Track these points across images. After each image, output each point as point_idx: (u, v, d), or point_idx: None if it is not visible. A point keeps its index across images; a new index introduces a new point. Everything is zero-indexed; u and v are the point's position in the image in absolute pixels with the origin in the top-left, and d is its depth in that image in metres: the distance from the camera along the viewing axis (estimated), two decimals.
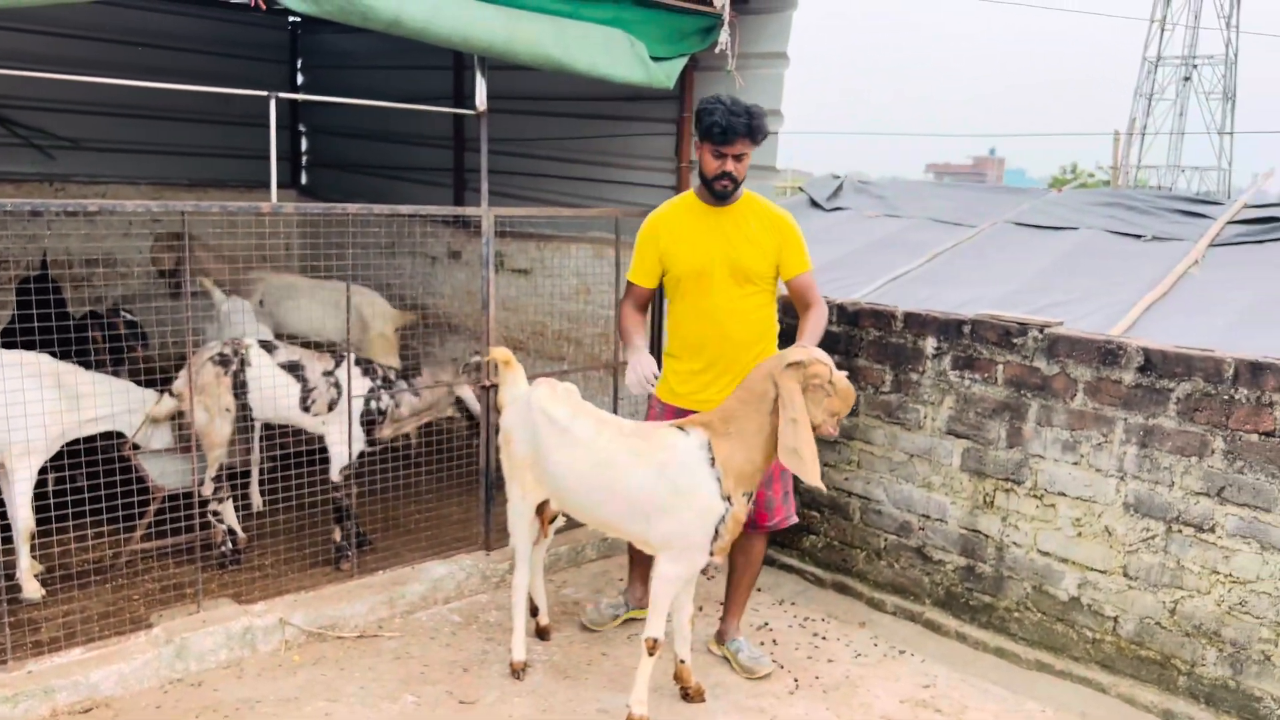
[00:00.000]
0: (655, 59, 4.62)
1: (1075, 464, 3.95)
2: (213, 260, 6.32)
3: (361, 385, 4.71)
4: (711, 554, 3.40)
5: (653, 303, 4.29)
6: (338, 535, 4.76)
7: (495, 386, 4.72)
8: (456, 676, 3.95)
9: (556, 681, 3.93)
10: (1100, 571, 3.91)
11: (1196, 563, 3.66)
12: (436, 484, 5.13)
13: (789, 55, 4.89)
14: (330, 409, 4.71)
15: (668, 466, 3.36)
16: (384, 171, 7.89)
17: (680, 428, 3.43)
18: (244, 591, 4.31)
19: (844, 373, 3.33)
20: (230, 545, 4.73)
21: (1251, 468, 3.51)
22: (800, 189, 12.84)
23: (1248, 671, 3.56)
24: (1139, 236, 9.67)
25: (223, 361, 4.63)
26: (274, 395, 4.61)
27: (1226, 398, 3.56)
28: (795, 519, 4.03)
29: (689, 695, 3.77)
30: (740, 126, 3.60)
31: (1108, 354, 3.86)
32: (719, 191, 3.74)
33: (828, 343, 4.34)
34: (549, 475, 3.66)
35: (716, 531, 3.36)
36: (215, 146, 7.91)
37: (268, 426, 5.14)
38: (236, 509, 4.95)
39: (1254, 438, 3.50)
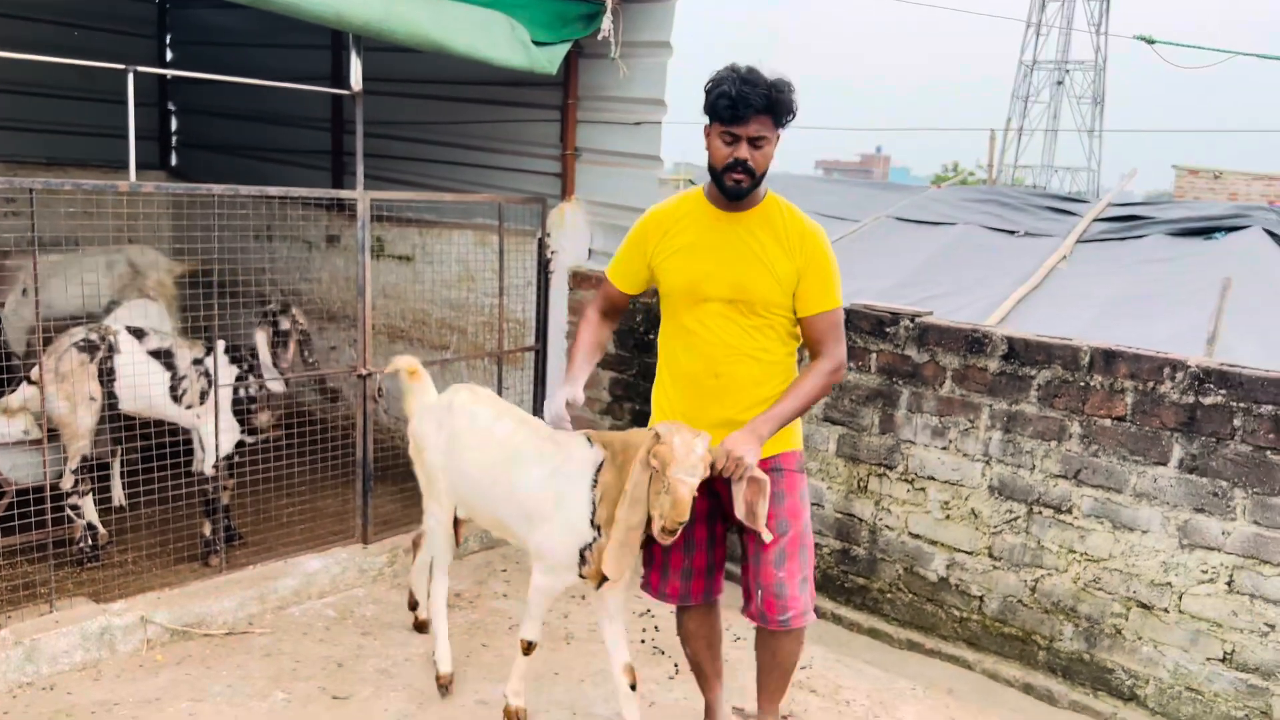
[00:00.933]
0: (537, 44, 4.57)
1: (944, 449, 4.07)
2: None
3: (228, 373, 4.54)
4: (582, 576, 3.13)
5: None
6: (207, 529, 4.58)
7: (370, 374, 4.63)
8: (330, 672, 3.84)
9: (433, 674, 3.86)
10: (967, 552, 4.04)
11: (1055, 542, 3.82)
12: (311, 476, 4.97)
13: (672, 44, 4.90)
14: (202, 400, 4.54)
15: (557, 473, 3.14)
16: (260, 154, 7.62)
17: (589, 439, 3.11)
18: (103, 590, 4.10)
19: (691, 482, 2.69)
20: (90, 541, 4.51)
21: (1105, 451, 3.68)
22: (690, 182, 13.00)
23: (1101, 645, 3.73)
24: (1012, 232, 10.04)
25: (88, 348, 4.40)
26: (146, 385, 4.42)
27: (1083, 384, 3.72)
28: (812, 616, 3.04)
29: None
30: (757, 100, 2.74)
31: (974, 342, 3.99)
32: (730, 188, 2.85)
33: None
34: (458, 474, 3.49)
35: (583, 556, 3.08)
36: (78, 124, 7.50)
37: (129, 417, 4.90)
38: (96, 504, 4.71)
39: (1107, 422, 3.67)
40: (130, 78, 3.67)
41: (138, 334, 4.58)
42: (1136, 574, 3.63)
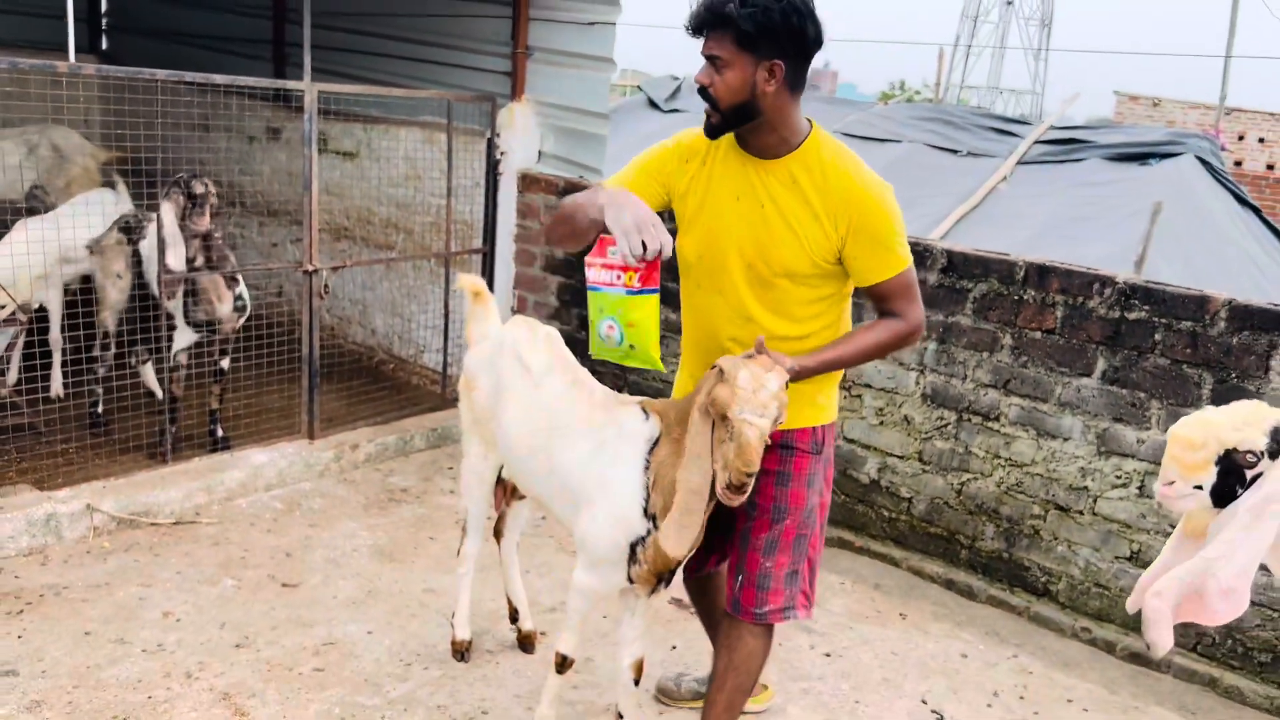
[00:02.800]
0: None
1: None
2: None
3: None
4: (630, 580, 2.65)
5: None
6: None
7: (316, 270, 4.60)
8: (279, 561, 3.92)
9: (382, 564, 3.97)
10: (899, 457, 4.22)
11: (982, 448, 4.01)
12: (256, 373, 4.96)
13: None
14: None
15: (604, 448, 2.63)
16: (195, 40, 7.35)
17: (644, 409, 2.63)
18: (46, 478, 4.10)
19: (760, 424, 2.25)
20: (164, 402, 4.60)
21: (1034, 362, 3.85)
22: (639, 88, 12.84)
23: (1019, 544, 3.96)
24: (956, 152, 10.15)
25: (127, 229, 4.59)
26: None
27: (1016, 298, 3.86)
28: (801, 614, 2.66)
29: None
30: (703, 11, 2.35)
31: (916, 255, 4.08)
32: (705, 121, 2.43)
33: None
34: (501, 432, 2.94)
35: (634, 552, 2.58)
36: (4, 2, 7.16)
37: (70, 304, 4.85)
38: (36, 395, 4.66)
39: (1037, 335, 3.83)
40: None
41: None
42: (1056, 479, 3.84)
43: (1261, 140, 20.91)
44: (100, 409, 4.81)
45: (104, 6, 8.30)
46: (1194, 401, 3.49)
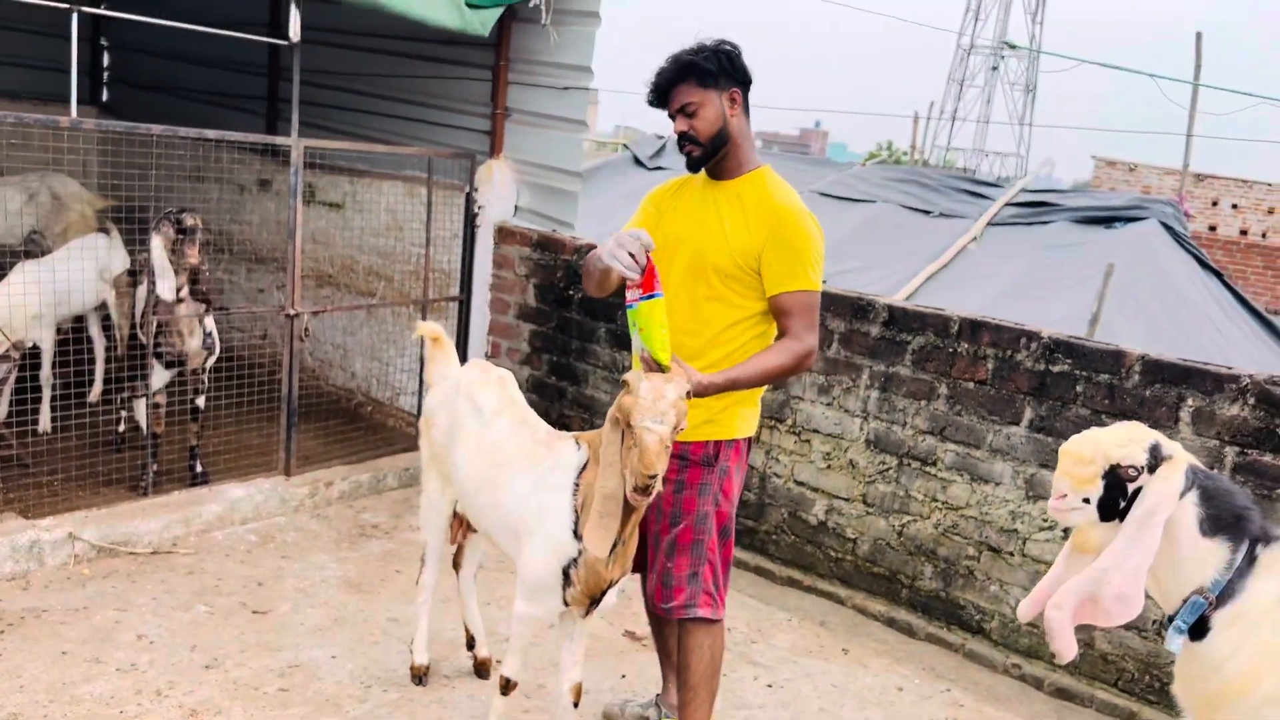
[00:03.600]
0: (472, 6, 4.79)
1: (828, 405, 4.46)
2: None
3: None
4: (566, 603, 2.84)
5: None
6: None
7: (298, 314, 4.85)
8: (251, 589, 4.11)
9: (349, 594, 4.16)
10: (844, 499, 4.45)
11: (921, 491, 4.24)
12: (236, 412, 5.18)
13: (600, 15, 5.15)
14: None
15: (541, 482, 2.84)
16: (193, 95, 7.68)
17: (576, 440, 2.87)
18: (32, 507, 4.30)
19: (659, 429, 2.43)
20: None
21: (967, 411, 4.10)
22: (625, 146, 13.25)
23: (955, 584, 4.17)
24: (928, 212, 10.50)
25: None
26: None
27: (951, 350, 4.12)
28: (705, 612, 2.93)
29: None
30: (666, 75, 2.83)
31: (859, 309, 4.36)
32: (687, 161, 2.91)
33: None
34: (454, 468, 3.16)
35: (567, 575, 2.78)
36: (11, 55, 7.48)
37: (62, 344, 5.07)
38: (25, 429, 4.87)
39: (970, 385, 4.08)
40: (74, 17, 3.82)
41: None
42: (989, 521, 4.06)
43: (1235, 206, 21.44)
44: (122, 429, 5.16)
45: (106, 60, 8.64)
46: None
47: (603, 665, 3.79)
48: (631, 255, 2.61)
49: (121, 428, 5.15)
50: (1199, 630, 2.52)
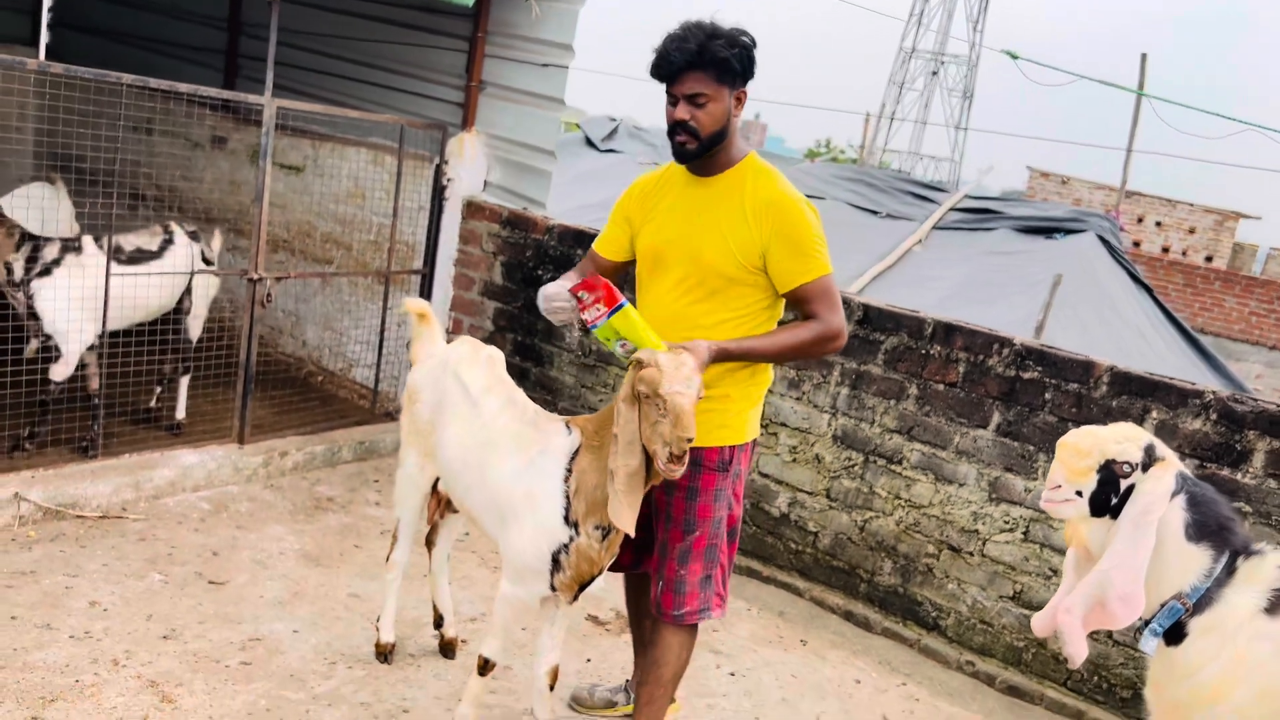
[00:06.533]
0: None
1: (798, 399, 4.50)
2: None
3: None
4: (553, 589, 2.83)
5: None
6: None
7: (261, 279, 4.71)
8: (206, 559, 3.99)
9: (309, 568, 4.07)
10: (808, 493, 4.50)
11: (885, 489, 4.31)
12: (189, 376, 5.03)
13: None
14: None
15: (531, 465, 2.81)
16: (141, 42, 7.39)
17: (567, 424, 2.86)
18: None
19: (689, 393, 2.46)
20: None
21: (936, 412, 4.17)
22: (578, 126, 13.15)
23: (914, 580, 4.26)
24: (876, 213, 10.64)
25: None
26: None
27: (924, 352, 4.19)
28: (716, 614, 2.97)
29: None
30: (682, 55, 2.62)
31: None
32: (676, 151, 2.75)
33: None
34: (440, 446, 3.12)
35: (556, 561, 2.77)
36: None
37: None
38: None
39: (940, 387, 4.16)
40: None
41: None
42: (950, 520, 4.15)
43: (1159, 224, 22.21)
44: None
45: (48, 2, 8.24)
46: None
47: (568, 649, 3.77)
48: (564, 305, 2.67)
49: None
50: (1175, 635, 2.61)
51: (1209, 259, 21.24)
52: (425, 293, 5.62)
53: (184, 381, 5.00)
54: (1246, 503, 3.55)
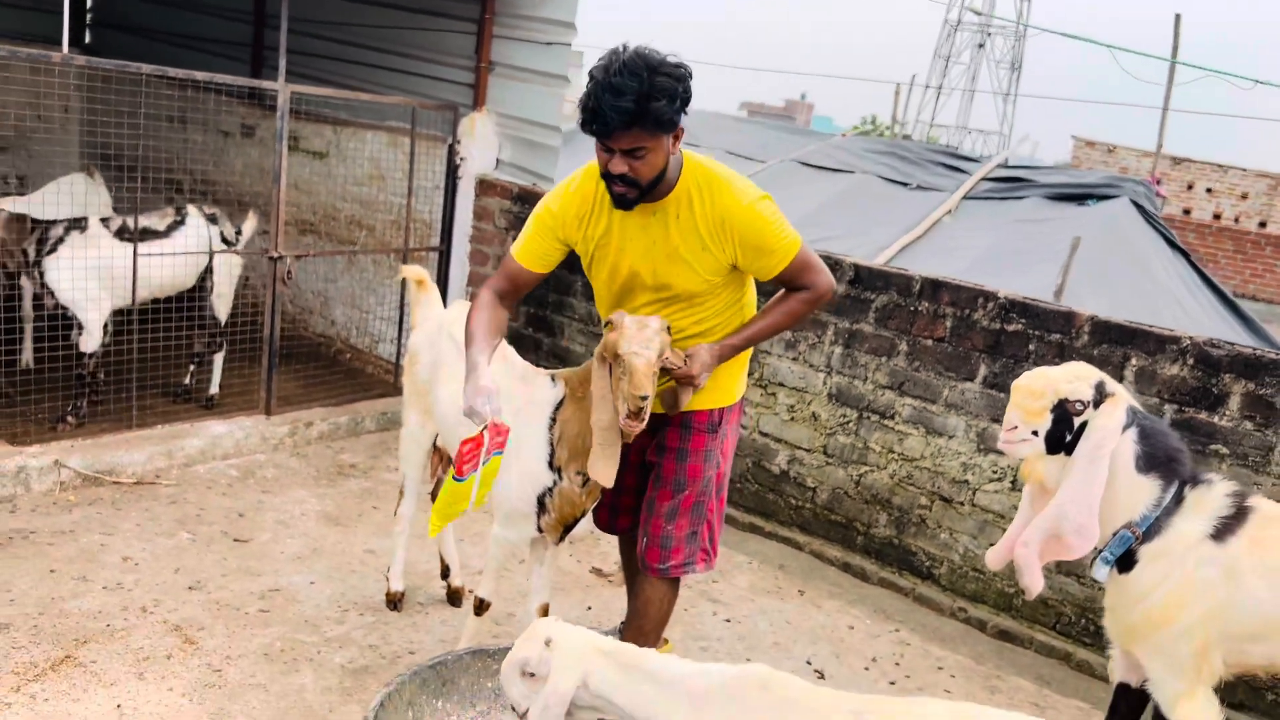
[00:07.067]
0: None
1: (794, 360, 4.63)
2: None
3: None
4: (540, 530, 3.05)
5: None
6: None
7: (281, 257, 4.96)
8: (232, 520, 4.25)
9: (328, 527, 4.31)
10: (806, 450, 4.63)
11: (879, 444, 4.43)
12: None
13: None
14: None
15: (518, 415, 2.94)
16: (177, 39, 7.69)
17: (553, 377, 3.02)
18: (20, 435, 4.41)
19: (646, 354, 2.59)
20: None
21: (925, 367, 4.28)
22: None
23: (908, 531, 4.38)
24: (905, 184, 10.65)
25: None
26: None
27: (912, 309, 4.30)
28: (700, 567, 3.04)
29: None
30: (617, 117, 2.45)
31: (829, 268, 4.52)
32: (616, 199, 2.66)
33: None
34: (436, 403, 3.33)
35: (541, 504, 2.98)
36: None
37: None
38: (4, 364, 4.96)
39: (929, 342, 4.26)
40: None
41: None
42: (942, 472, 4.26)
43: (1209, 190, 21.72)
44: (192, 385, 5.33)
45: (90, 2, 8.61)
46: None
47: (569, 598, 3.97)
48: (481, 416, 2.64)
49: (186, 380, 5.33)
50: (1126, 563, 2.72)
51: (1262, 224, 20.75)
52: (443, 269, 5.84)
53: (218, 359, 5.28)
54: (1224, 445, 3.62)
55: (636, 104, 2.44)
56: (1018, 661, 3.99)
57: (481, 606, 3.22)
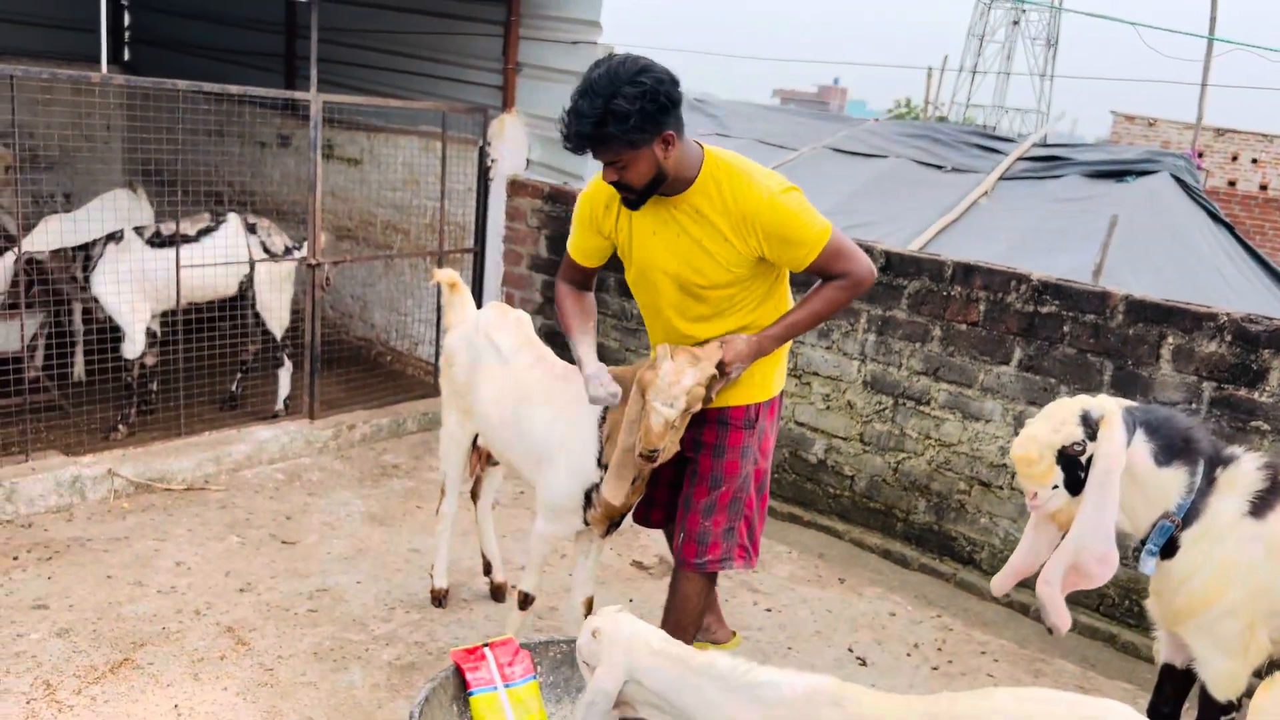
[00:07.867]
0: None
1: (828, 349, 4.64)
2: None
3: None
4: (586, 523, 3.10)
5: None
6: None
7: (319, 264, 5.05)
8: (280, 523, 4.35)
9: (373, 528, 4.40)
10: (843, 439, 4.64)
11: (915, 430, 4.42)
12: (263, 359, 5.42)
13: None
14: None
15: (564, 412, 3.05)
16: (213, 54, 7.85)
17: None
18: (74, 445, 4.55)
19: (666, 412, 2.63)
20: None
21: (960, 352, 4.27)
22: None
23: (947, 517, 4.37)
24: (940, 167, 10.57)
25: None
26: None
27: (945, 294, 4.29)
28: (738, 564, 3.04)
29: None
30: (582, 142, 2.57)
31: None
32: (622, 199, 2.75)
33: None
34: (477, 403, 3.38)
35: (589, 499, 3.03)
36: (32, 15, 7.66)
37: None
38: (55, 376, 5.11)
39: (963, 327, 4.25)
40: None
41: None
42: (979, 457, 4.25)
43: (1255, 161, 21.22)
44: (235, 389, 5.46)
45: (127, 20, 8.80)
46: (1097, 386, 3.90)
47: (611, 591, 4.02)
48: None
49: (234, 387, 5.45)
50: (1169, 550, 2.71)
51: None
52: (478, 270, 5.91)
53: (282, 375, 5.35)
54: (1265, 421, 3.57)
55: (595, 128, 2.51)
56: (1061, 644, 3.97)
57: (525, 601, 3.28)
